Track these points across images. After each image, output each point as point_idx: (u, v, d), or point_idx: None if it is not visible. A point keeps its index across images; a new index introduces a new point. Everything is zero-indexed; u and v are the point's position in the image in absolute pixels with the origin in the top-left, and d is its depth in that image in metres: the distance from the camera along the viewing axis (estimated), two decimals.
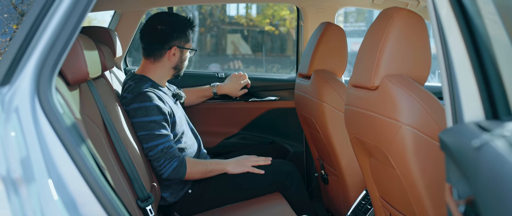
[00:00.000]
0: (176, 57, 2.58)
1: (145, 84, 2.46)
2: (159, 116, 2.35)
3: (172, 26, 2.54)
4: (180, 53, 2.59)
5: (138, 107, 2.34)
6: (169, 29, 2.53)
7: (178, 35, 2.55)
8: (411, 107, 1.54)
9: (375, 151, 1.79)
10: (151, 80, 2.52)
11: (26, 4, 2.68)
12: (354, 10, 13.20)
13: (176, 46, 2.55)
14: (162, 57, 2.55)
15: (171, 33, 2.53)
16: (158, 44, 2.53)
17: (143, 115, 2.33)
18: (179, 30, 2.55)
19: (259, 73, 8.94)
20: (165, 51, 2.54)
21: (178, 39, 2.56)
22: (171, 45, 2.54)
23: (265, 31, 13.46)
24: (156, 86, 2.51)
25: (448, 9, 1.22)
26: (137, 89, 2.41)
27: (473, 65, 1.16)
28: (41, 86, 1.33)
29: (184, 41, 2.59)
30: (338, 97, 2.48)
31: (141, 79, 2.51)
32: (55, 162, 1.30)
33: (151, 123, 2.33)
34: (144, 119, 2.33)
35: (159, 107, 2.36)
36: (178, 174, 2.38)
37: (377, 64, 1.64)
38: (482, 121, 1.11)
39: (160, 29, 2.53)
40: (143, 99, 2.35)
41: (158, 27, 2.53)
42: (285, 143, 3.50)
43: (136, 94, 2.38)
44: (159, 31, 2.53)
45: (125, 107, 2.39)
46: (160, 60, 2.55)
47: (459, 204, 1.01)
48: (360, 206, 2.41)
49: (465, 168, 0.99)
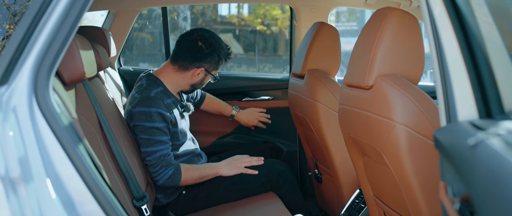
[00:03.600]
0: (199, 78, 2.57)
1: (157, 88, 2.45)
2: (162, 124, 2.36)
3: (211, 48, 2.51)
4: (204, 76, 2.58)
5: (143, 111, 2.33)
6: (208, 50, 2.51)
7: (212, 59, 2.53)
8: (405, 106, 1.55)
9: (369, 150, 1.80)
10: (163, 86, 2.51)
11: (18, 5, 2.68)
12: (346, 10, 13.20)
13: (205, 69, 2.54)
14: (187, 71, 2.53)
15: (207, 55, 2.51)
16: (190, 58, 2.51)
17: (146, 120, 2.33)
18: (215, 55, 2.53)
19: (252, 72, 8.94)
20: (192, 68, 2.52)
21: (210, 63, 2.54)
22: (201, 65, 2.53)
23: (257, 31, 13.45)
24: (167, 93, 2.50)
25: (441, 7, 1.23)
26: (146, 92, 2.40)
27: (467, 64, 1.16)
28: (38, 85, 1.33)
29: (214, 68, 2.58)
30: (331, 96, 2.49)
31: (154, 82, 2.49)
32: (53, 161, 1.30)
33: (153, 129, 2.33)
34: (147, 124, 2.33)
35: (163, 115, 2.36)
36: (173, 181, 2.39)
37: (371, 63, 1.66)
38: (476, 120, 1.12)
39: (199, 46, 2.50)
40: (150, 104, 2.35)
41: (199, 43, 2.50)
42: (278, 142, 3.52)
43: (144, 97, 2.37)
44: (198, 48, 2.50)
45: (131, 107, 2.38)
46: (184, 72, 2.54)
47: (454, 202, 1.02)
48: (353, 205, 2.42)
49: (460, 167, 1.00)
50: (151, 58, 12.01)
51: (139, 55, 11.63)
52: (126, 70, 3.71)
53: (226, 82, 3.53)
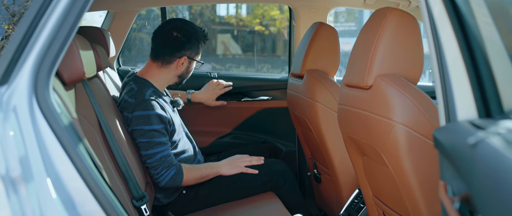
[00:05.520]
0: (184, 67, 2.56)
1: (148, 90, 2.44)
2: (160, 125, 2.35)
3: (187, 35, 2.51)
4: (188, 64, 2.57)
5: (141, 115, 2.32)
6: (184, 38, 2.50)
7: (191, 45, 2.53)
8: (404, 106, 1.55)
9: (369, 150, 1.81)
10: (153, 86, 2.50)
11: (17, 5, 2.68)
12: (344, 10, 13.22)
13: (187, 56, 2.54)
14: (170, 64, 2.53)
15: (185, 42, 2.51)
16: (170, 51, 2.51)
17: (145, 123, 2.32)
18: (193, 40, 2.53)
19: (250, 73, 8.96)
20: (175, 59, 2.52)
21: (190, 50, 2.54)
22: (182, 54, 2.52)
23: (255, 31, 13.46)
24: (158, 92, 2.50)
25: (440, 7, 1.23)
26: (140, 96, 2.39)
27: (466, 64, 1.16)
28: (38, 85, 1.33)
29: (195, 53, 2.58)
30: (330, 96, 2.49)
31: (144, 84, 2.48)
32: (53, 161, 1.30)
33: (152, 131, 2.33)
34: (146, 128, 2.32)
35: (161, 116, 2.36)
36: (175, 182, 2.39)
37: (371, 63, 1.66)
38: (475, 119, 1.12)
39: (175, 36, 2.50)
40: (146, 107, 2.34)
41: (174, 34, 2.50)
42: (277, 142, 3.52)
43: (140, 101, 2.36)
44: (174, 38, 2.50)
45: (127, 113, 2.37)
46: (167, 66, 2.53)
47: (454, 201, 1.03)
48: (353, 205, 2.42)
49: (461, 166, 1.00)
50: None
51: (138, 56, 11.63)
52: (125, 70, 3.71)
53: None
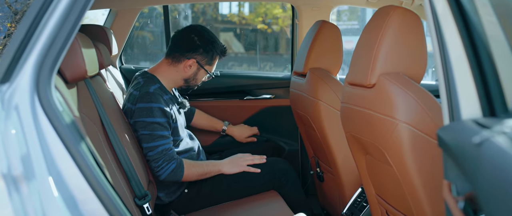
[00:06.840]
0: (191, 71, 2.56)
1: (154, 85, 2.45)
2: (162, 118, 2.36)
3: (203, 41, 2.53)
4: (196, 70, 2.57)
5: (144, 107, 2.34)
6: (199, 42, 2.52)
7: (204, 52, 2.54)
8: (408, 104, 1.55)
9: (372, 149, 1.80)
10: (160, 82, 2.51)
11: (19, 3, 2.68)
12: (347, 8, 13.19)
13: (197, 61, 2.54)
14: (179, 63, 2.54)
15: (199, 46, 2.52)
16: (182, 49, 2.53)
17: (147, 115, 2.33)
18: (208, 48, 2.54)
19: (253, 71, 8.95)
20: (184, 59, 2.53)
21: (202, 56, 2.55)
22: (191, 57, 2.53)
23: (258, 30, 13.45)
24: (164, 89, 2.51)
25: (444, 5, 1.22)
26: (145, 89, 2.40)
27: (470, 62, 1.16)
28: (40, 84, 1.33)
29: (206, 62, 2.58)
30: (333, 95, 2.49)
31: (151, 79, 2.50)
32: (55, 159, 1.30)
33: (154, 124, 2.34)
34: (148, 120, 2.33)
35: (164, 110, 2.37)
36: (176, 176, 2.39)
37: (374, 62, 1.65)
38: (479, 118, 1.11)
39: (191, 37, 2.52)
40: (150, 100, 2.35)
41: (192, 36, 2.53)
42: (280, 141, 3.51)
43: (143, 93, 2.38)
44: (190, 39, 2.52)
45: (131, 105, 2.39)
46: (176, 65, 2.55)
47: (458, 201, 1.02)
48: (355, 204, 2.42)
49: (465, 165, 1.00)
50: (152, 57, 12.03)
51: (140, 54, 11.64)
52: (128, 68, 3.71)
53: (228, 81, 3.53)
